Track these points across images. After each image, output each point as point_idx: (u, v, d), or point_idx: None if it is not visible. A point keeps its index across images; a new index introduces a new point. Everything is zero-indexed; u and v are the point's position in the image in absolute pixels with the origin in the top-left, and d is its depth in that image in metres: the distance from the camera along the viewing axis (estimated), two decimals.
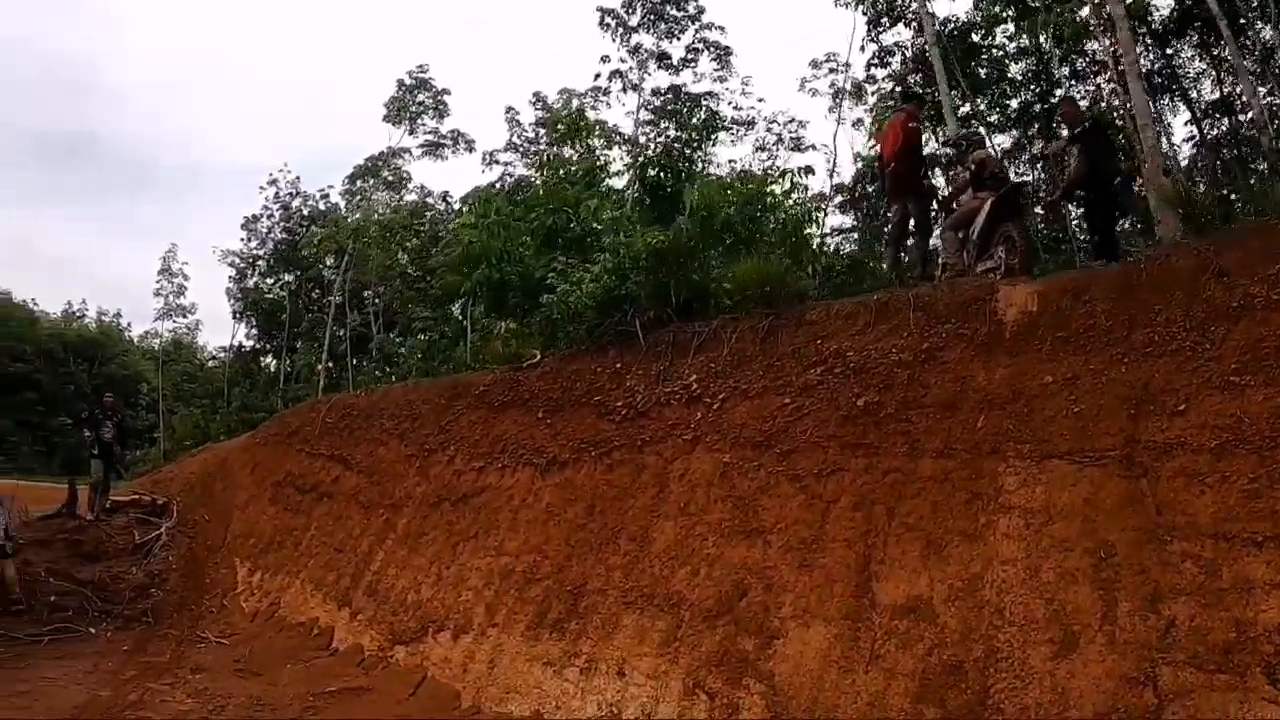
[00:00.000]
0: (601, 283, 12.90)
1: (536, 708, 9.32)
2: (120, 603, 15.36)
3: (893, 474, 7.97)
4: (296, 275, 59.37)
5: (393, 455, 15.26)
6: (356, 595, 13.37)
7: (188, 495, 19.82)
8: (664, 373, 11.23)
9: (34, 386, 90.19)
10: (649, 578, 9.30)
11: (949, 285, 9.64)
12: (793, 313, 10.45)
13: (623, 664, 8.84)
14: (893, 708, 6.69)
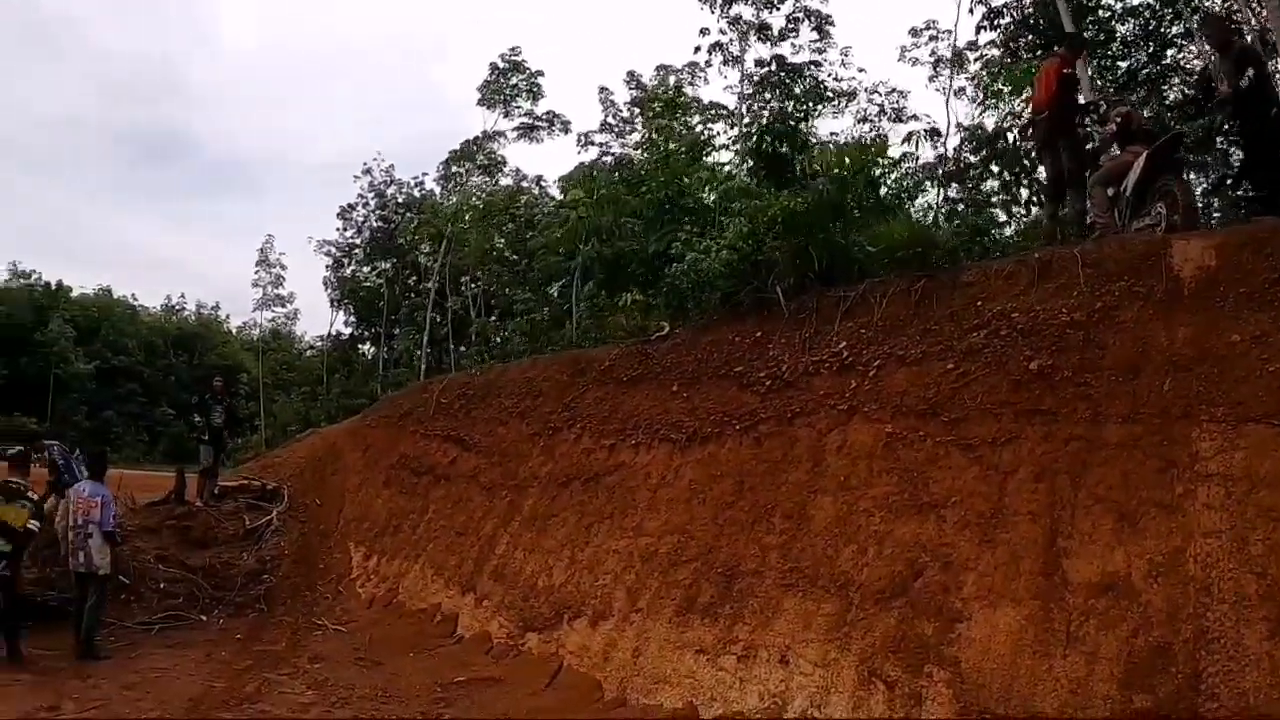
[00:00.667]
0: (737, 249, 12.58)
1: (689, 698, 8.88)
2: (232, 589, 15.33)
3: (1075, 442, 7.48)
4: (393, 263, 60.86)
5: (514, 435, 14.98)
6: (481, 580, 13.09)
7: (297, 479, 19.82)
8: (810, 341, 10.82)
9: (136, 378, 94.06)
10: (810, 557, 8.82)
11: (1117, 241, 9.11)
12: (946, 275, 10.02)
13: (786, 651, 8.36)
14: (1096, 695, 6.21)
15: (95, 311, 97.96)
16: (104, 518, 12.26)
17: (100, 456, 13.97)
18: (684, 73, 36.76)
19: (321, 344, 69.54)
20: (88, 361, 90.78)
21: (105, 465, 13.59)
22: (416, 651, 12.29)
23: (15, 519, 11.56)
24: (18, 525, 11.56)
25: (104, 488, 12.79)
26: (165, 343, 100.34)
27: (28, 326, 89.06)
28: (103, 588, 12.33)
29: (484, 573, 13.16)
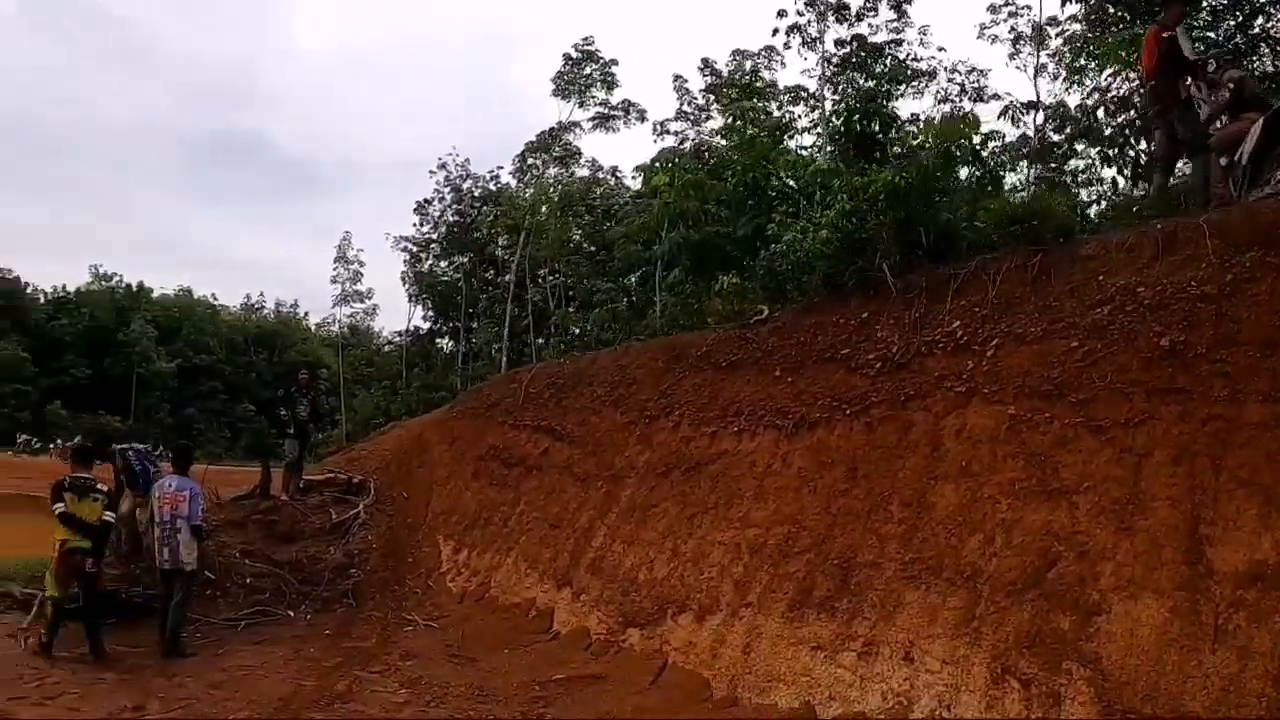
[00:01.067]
0: (839, 227, 12.28)
1: (806, 698, 8.60)
2: (319, 584, 15.32)
3: (1214, 422, 7.11)
4: (470, 257, 61.08)
5: (608, 424, 14.79)
6: (578, 574, 12.91)
7: (383, 472, 19.84)
8: (920, 320, 10.55)
9: (217, 376, 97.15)
10: (933, 548, 8.49)
11: (1243, 211, 8.66)
12: (1062, 249, 9.73)
13: (910, 647, 8.04)
14: (1250, 692, 5.85)
15: (176, 311, 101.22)
16: (192, 511, 12.27)
17: (185, 451, 14.03)
18: (760, 57, 36.55)
19: (400, 339, 70.89)
20: (169, 360, 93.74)
21: (190, 459, 13.57)
22: (511, 648, 12.15)
23: (90, 514, 11.64)
24: (93, 519, 11.63)
25: (192, 481, 12.78)
26: (245, 341, 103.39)
27: (110, 327, 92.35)
28: (189, 584, 12.35)
29: (580, 566, 12.97)
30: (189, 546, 12.18)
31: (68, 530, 11.45)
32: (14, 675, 10.22)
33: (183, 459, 13.42)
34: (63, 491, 11.62)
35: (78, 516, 11.51)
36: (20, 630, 11.96)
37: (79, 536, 11.48)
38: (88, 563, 11.53)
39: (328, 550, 16.32)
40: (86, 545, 11.51)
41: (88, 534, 11.55)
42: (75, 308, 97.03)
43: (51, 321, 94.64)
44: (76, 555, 11.47)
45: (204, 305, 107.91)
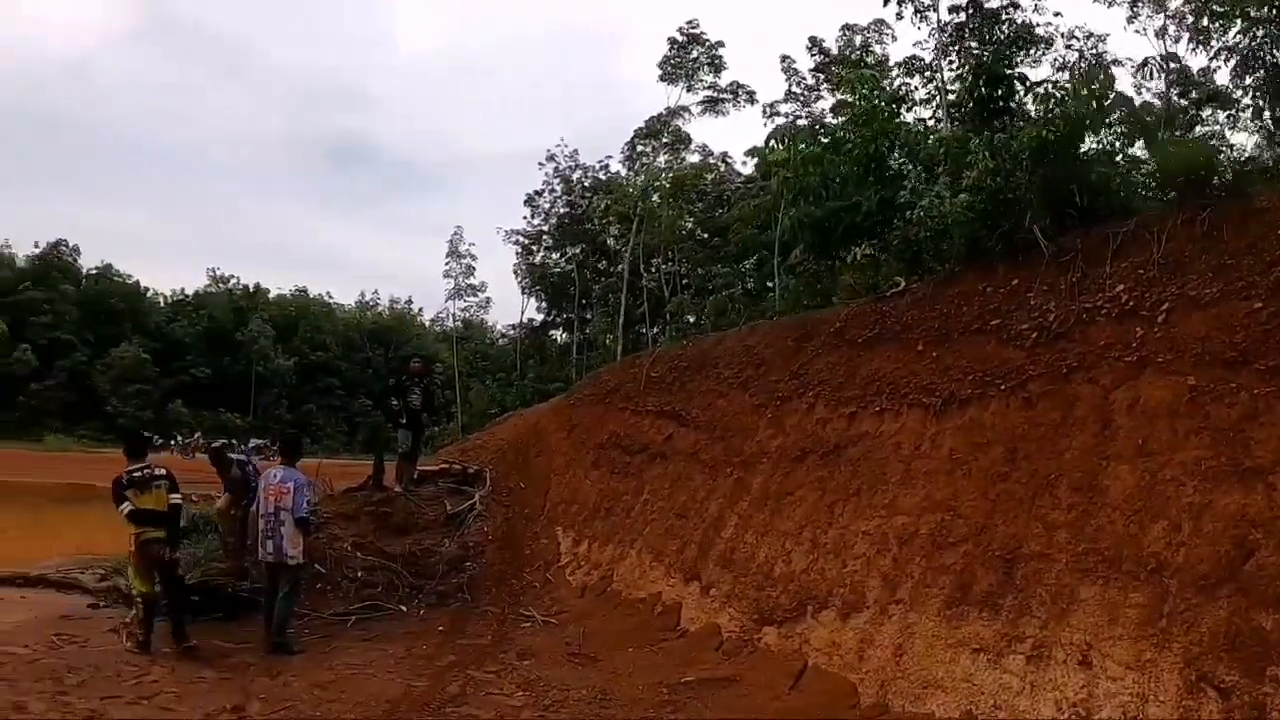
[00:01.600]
0: (983, 187, 11.60)
1: (967, 706, 7.83)
2: (433, 577, 14.87)
3: None
4: (582, 247, 62.60)
5: (735, 407, 14.15)
6: (707, 567, 12.27)
7: (499, 462, 19.47)
8: (1077, 285, 9.76)
9: (334, 372, 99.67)
10: (1109, 537, 7.68)
11: None
12: (1232, 203, 8.88)
13: (1087, 650, 7.22)
14: None
15: (293, 311, 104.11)
16: (296, 503, 11.81)
17: (293, 441, 13.67)
18: (869, 31, 36.52)
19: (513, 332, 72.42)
20: (287, 358, 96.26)
21: (298, 450, 13.23)
22: (636, 646, 11.55)
23: (156, 502, 11.48)
24: (161, 507, 11.49)
25: (297, 472, 12.35)
26: (361, 337, 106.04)
27: (229, 327, 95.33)
28: (295, 578, 11.97)
29: (710, 558, 12.33)
30: (293, 539, 11.75)
31: (140, 524, 11.32)
32: (113, 673, 9.97)
33: (290, 450, 13.04)
34: (124, 490, 11.45)
35: (146, 509, 11.37)
36: (123, 625, 11.86)
37: (153, 528, 11.36)
38: (165, 551, 11.41)
39: (442, 543, 15.90)
40: (161, 534, 11.40)
41: (159, 522, 11.42)
42: (194, 309, 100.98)
43: (171, 323, 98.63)
44: (153, 546, 11.34)
45: (319, 304, 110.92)
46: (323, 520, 15.07)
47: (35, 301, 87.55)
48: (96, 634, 11.73)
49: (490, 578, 15.34)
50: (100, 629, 11.93)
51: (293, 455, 12.80)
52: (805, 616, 10.16)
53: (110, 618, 12.34)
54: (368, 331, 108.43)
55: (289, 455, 12.78)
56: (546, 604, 14.21)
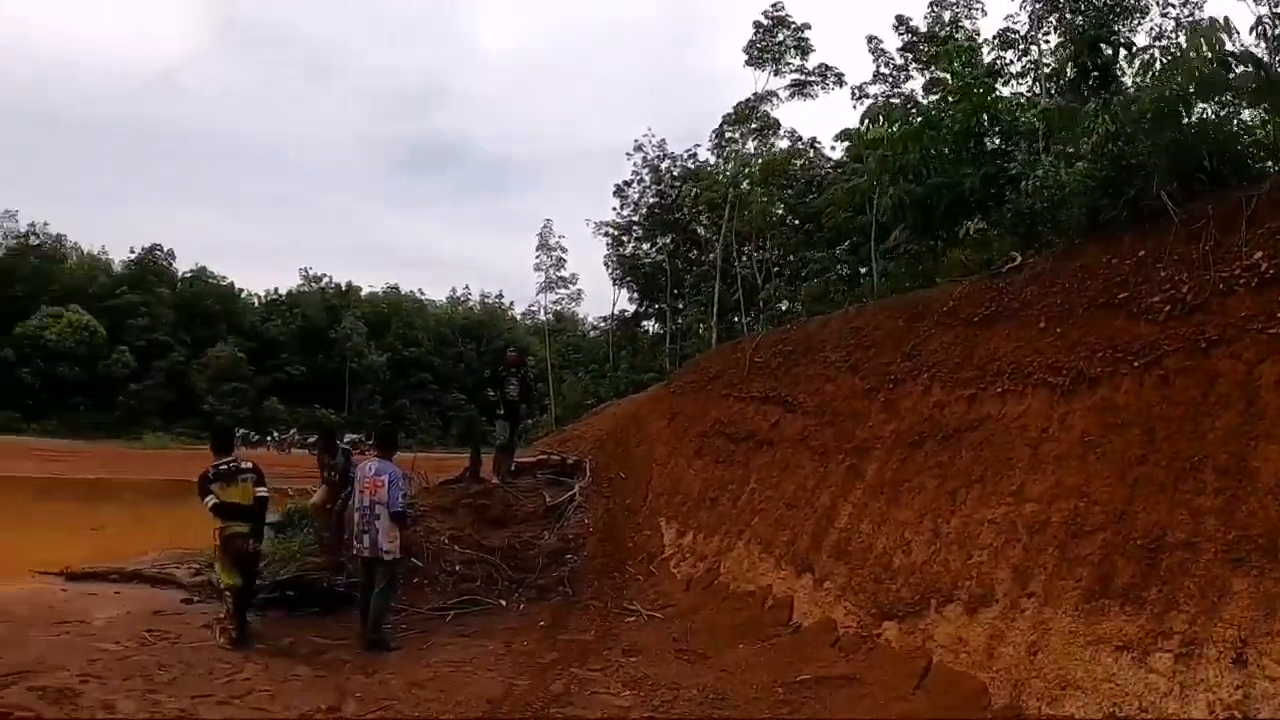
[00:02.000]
0: (1103, 154, 11.01)
1: (1110, 709, 7.22)
2: (532, 571, 14.59)
3: None
4: (672, 237, 62.29)
5: (845, 391, 13.59)
6: (820, 558, 11.74)
7: (598, 452, 19.07)
8: (1211, 254, 9.05)
9: (427, 367, 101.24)
10: (1262, 523, 7.03)
11: None
12: None
13: (1242, 647, 6.60)
14: None
15: (385, 308, 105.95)
16: (391, 497, 11.60)
17: (388, 432, 13.52)
18: (959, 6, 35.44)
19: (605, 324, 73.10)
20: (380, 354, 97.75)
21: (394, 442, 13.02)
22: (747, 642, 11.08)
23: (242, 496, 11.54)
24: (246, 501, 11.54)
25: (392, 465, 12.15)
26: (453, 332, 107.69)
27: (322, 325, 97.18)
28: (391, 573, 11.73)
29: (823, 550, 11.79)
30: (389, 534, 11.53)
31: (224, 518, 11.35)
32: (205, 670, 9.81)
33: (386, 442, 12.85)
34: (210, 483, 11.50)
35: (231, 502, 11.40)
36: (216, 621, 11.74)
37: (237, 522, 11.39)
38: (248, 544, 11.45)
39: (541, 535, 15.62)
40: (245, 528, 11.44)
41: (244, 516, 11.44)
42: (288, 308, 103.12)
43: (265, 323, 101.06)
44: (237, 540, 11.36)
45: (411, 300, 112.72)
46: (419, 513, 14.87)
47: (133, 305, 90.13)
48: (189, 630, 11.63)
49: (592, 571, 14.98)
50: (193, 625, 11.85)
51: (389, 447, 12.60)
52: (928, 611, 9.58)
53: (204, 613, 12.23)
54: (459, 326, 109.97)
55: (385, 447, 12.60)
56: (651, 598, 13.78)
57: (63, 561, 15.98)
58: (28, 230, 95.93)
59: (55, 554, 17.02)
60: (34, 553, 17.43)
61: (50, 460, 48.69)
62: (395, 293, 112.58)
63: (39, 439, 67.32)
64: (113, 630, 11.42)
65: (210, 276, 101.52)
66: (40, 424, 77.03)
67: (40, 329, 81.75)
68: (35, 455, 51.27)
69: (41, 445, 60.21)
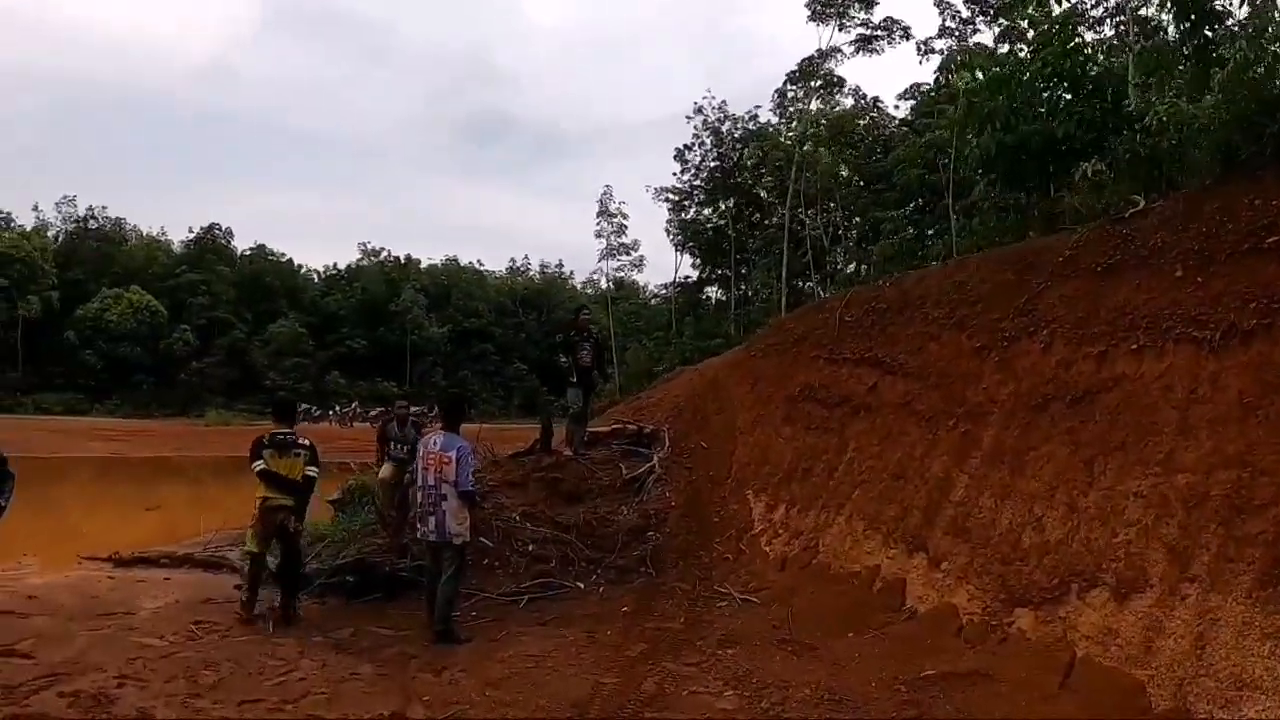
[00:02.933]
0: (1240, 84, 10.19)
1: None
2: (611, 550, 13.49)
3: None
4: (734, 201, 63.37)
5: (951, 350, 12.39)
6: (934, 536, 10.59)
7: (676, 420, 17.96)
8: None
9: (488, 338, 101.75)
10: None
11: None
12: None
13: None
14: None
15: (444, 279, 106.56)
16: (460, 475, 10.52)
17: (455, 403, 12.41)
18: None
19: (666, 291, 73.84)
20: (440, 326, 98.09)
21: (461, 413, 11.94)
22: (856, 630, 9.94)
23: (291, 470, 11.20)
24: (295, 476, 11.20)
25: (459, 439, 11.03)
26: (513, 302, 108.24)
27: (382, 298, 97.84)
28: (460, 558, 10.68)
29: (937, 526, 10.65)
30: (458, 515, 10.47)
31: (268, 487, 11.10)
32: (255, 669, 8.95)
33: (452, 413, 11.68)
34: (262, 449, 11.15)
35: (278, 473, 11.14)
36: (270, 609, 11.12)
37: (281, 494, 11.01)
38: (291, 521, 11.02)
39: (619, 510, 14.56)
40: (289, 502, 11.04)
41: (289, 490, 11.03)
42: (347, 282, 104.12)
43: (325, 297, 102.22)
44: (277, 513, 11.07)
45: (470, 272, 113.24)
46: (487, 489, 13.94)
47: (193, 284, 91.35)
48: (242, 620, 10.89)
49: (675, 549, 13.85)
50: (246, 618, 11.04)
51: (455, 419, 11.51)
52: (1069, 596, 8.44)
53: (259, 600, 11.34)
54: (519, 296, 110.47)
55: (451, 419, 11.49)
56: (743, 579, 12.63)
57: (117, 543, 15.57)
58: (86, 214, 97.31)
59: (110, 536, 16.72)
60: (88, 536, 17.13)
61: (112, 440, 48.81)
62: (454, 264, 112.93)
63: (103, 419, 68.13)
64: (158, 623, 10.72)
65: (270, 254, 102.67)
66: (104, 405, 78.29)
67: (101, 311, 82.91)
68: (99, 435, 51.66)
69: (105, 425, 60.76)
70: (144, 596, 12.11)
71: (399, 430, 14.27)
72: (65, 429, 53.65)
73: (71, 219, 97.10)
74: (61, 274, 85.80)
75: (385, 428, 14.67)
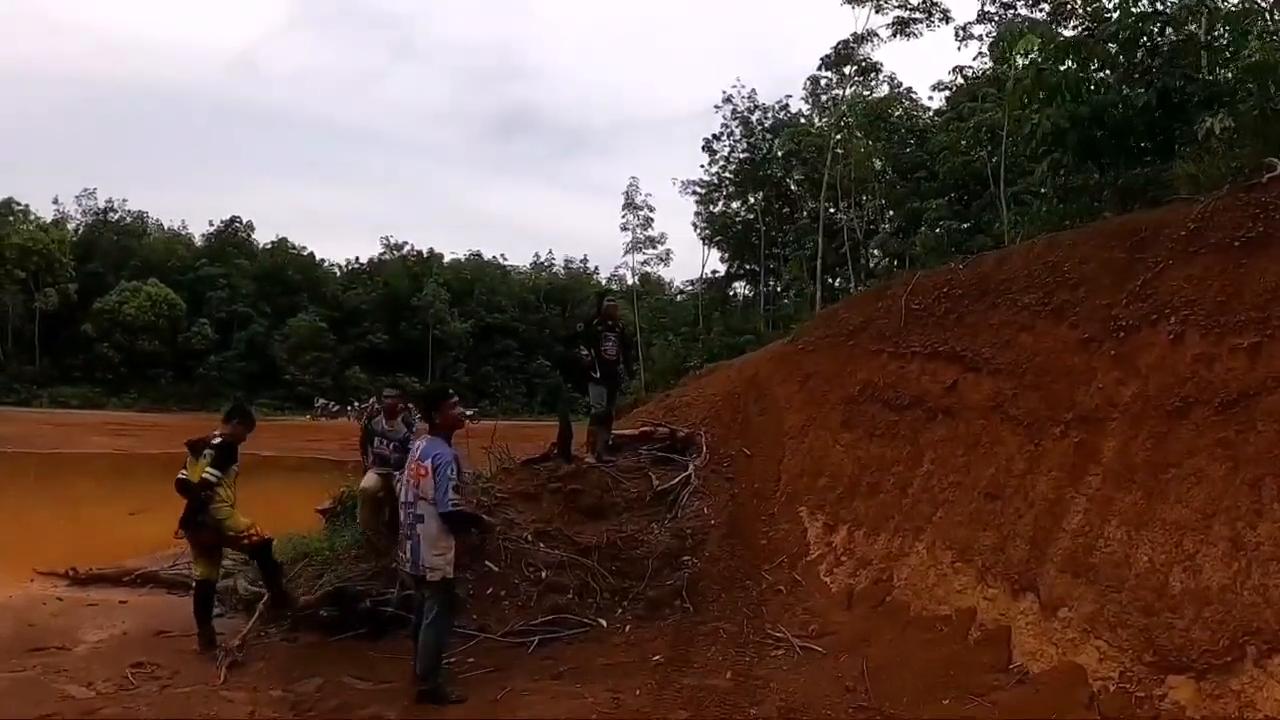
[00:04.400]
0: None
1: None
2: (640, 577, 11.25)
3: None
4: (764, 193, 63.10)
5: (1050, 343, 10.11)
6: (1046, 573, 8.38)
7: (713, 423, 15.68)
8: None
9: (511, 334, 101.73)
10: None
11: None
12: None
13: None
14: None
15: (467, 274, 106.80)
16: (438, 491, 8.13)
17: (432, 398, 9.25)
18: None
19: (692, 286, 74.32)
20: (463, 321, 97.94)
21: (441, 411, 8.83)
22: (955, 696, 7.73)
23: (194, 475, 9.89)
24: (194, 478, 9.86)
25: (441, 445, 8.47)
26: (537, 297, 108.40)
27: (404, 293, 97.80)
28: (441, 599, 8.33)
29: (1049, 560, 8.44)
30: (435, 544, 8.17)
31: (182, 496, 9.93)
32: None
33: (431, 410, 8.98)
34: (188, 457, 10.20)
35: (183, 479, 9.94)
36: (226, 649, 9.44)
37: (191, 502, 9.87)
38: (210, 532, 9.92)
39: (649, 529, 12.29)
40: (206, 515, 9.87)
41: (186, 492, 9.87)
42: (369, 277, 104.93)
43: (347, 291, 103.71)
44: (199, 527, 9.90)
45: (494, 266, 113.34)
46: (495, 501, 11.91)
47: (212, 277, 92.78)
48: (192, 661, 9.12)
49: (717, 578, 11.51)
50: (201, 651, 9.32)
51: (433, 416, 8.86)
52: (1243, 663, 6.31)
53: (220, 634, 9.65)
54: (543, 291, 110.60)
55: (433, 418, 8.89)
56: (800, 618, 10.33)
57: (88, 552, 14.30)
58: (106, 207, 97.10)
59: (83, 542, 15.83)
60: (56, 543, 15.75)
61: (121, 435, 47.30)
62: (478, 259, 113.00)
63: (119, 412, 67.70)
64: (93, 664, 8.97)
65: (291, 247, 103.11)
66: (121, 398, 77.98)
67: (119, 304, 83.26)
68: (108, 430, 50.30)
69: (117, 419, 59.86)
70: (89, 626, 10.45)
71: (386, 425, 12.16)
72: (76, 423, 52.59)
73: (91, 212, 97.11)
74: (80, 267, 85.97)
75: (369, 423, 12.52)
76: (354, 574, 10.60)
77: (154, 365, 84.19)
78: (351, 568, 10.79)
